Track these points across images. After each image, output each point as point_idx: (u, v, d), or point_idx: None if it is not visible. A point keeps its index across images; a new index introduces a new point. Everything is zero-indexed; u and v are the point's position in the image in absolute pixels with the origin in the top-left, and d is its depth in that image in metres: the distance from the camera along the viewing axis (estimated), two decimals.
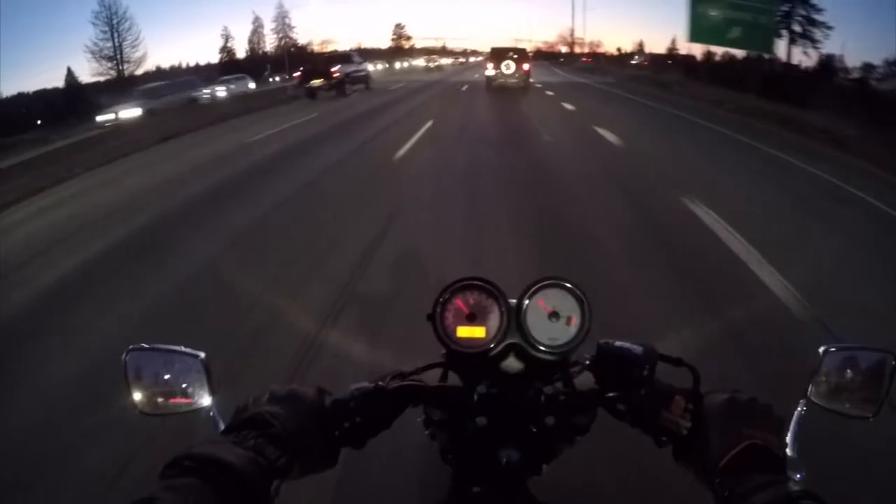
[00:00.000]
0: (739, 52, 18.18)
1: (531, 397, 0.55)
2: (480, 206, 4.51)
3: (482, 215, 4.24)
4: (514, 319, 0.56)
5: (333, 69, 16.21)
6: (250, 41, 39.95)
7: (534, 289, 0.57)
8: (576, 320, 0.57)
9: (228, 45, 38.78)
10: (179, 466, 0.45)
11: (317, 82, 15.75)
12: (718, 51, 21.69)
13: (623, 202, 4.60)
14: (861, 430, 0.75)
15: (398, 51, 52.41)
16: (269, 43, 40.00)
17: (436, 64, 37.75)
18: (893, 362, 0.60)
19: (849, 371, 0.61)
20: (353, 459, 0.59)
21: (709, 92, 14.91)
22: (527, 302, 0.56)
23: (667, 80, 19.33)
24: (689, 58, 26.63)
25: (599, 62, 41.03)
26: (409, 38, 55.80)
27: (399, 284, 3.02)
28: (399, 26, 55.94)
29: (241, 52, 39.14)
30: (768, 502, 0.44)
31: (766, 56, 16.10)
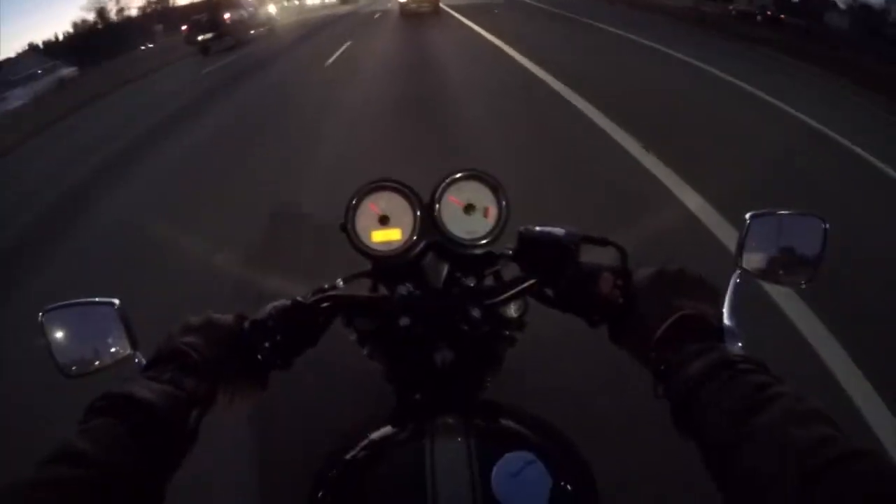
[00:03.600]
0: None
1: (456, 294, 0.54)
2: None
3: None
4: (429, 217, 0.54)
5: (225, 15, 13.84)
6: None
7: (445, 182, 0.55)
8: (493, 210, 0.55)
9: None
10: (94, 409, 0.44)
11: (205, 36, 13.57)
12: None
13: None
14: None
15: None
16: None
17: None
18: (824, 226, 0.60)
19: (778, 237, 0.61)
20: (299, 388, 0.57)
21: None
22: (440, 197, 0.54)
23: None
24: None
25: None
26: None
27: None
28: None
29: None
30: (704, 368, 0.43)
31: None
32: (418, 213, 0.54)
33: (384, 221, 0.55)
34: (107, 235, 3.49)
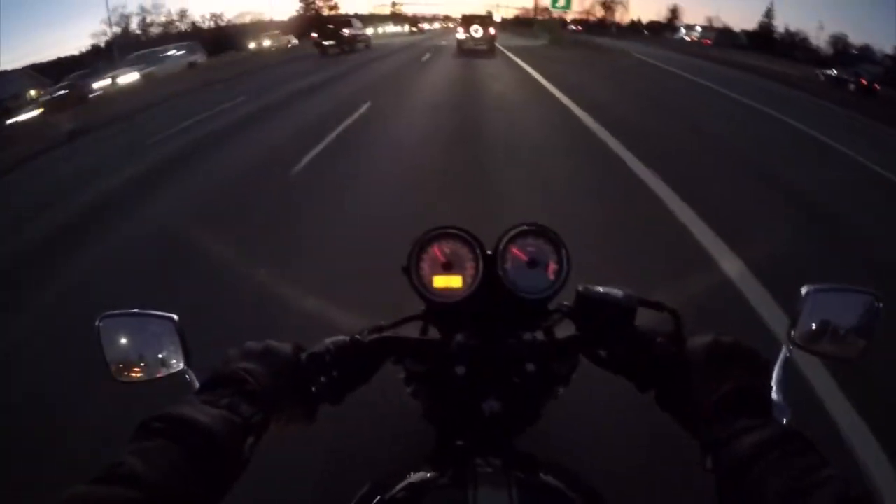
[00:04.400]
0: None
1: (511, 345, 0.54)
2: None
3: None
4: (491, 268, 0.55)
5: (345, 31, 19.65)
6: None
7: (510, 235, 0.56)
8: (554, 266, 0.56)
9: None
10: (149, 429, 0.44)
11: (329, 42, 19.28)
12: None
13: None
14: None
15: (377, 17, 54.37)
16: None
17: (417, 28, 47.15)
18: (877, 304, 0.60)
19: (831, 312, 0.60)
20: (339, 419, 0.58)
21: None
22: (503, 249, 0.55)
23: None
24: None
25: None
26: (395, 4, 60.64)
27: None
28: None
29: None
30: (755, 444, 0.43)
31: None
32: (481, 262, 0.55)
33: (447, 267, 0.56)
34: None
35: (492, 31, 18.04)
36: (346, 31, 19.58)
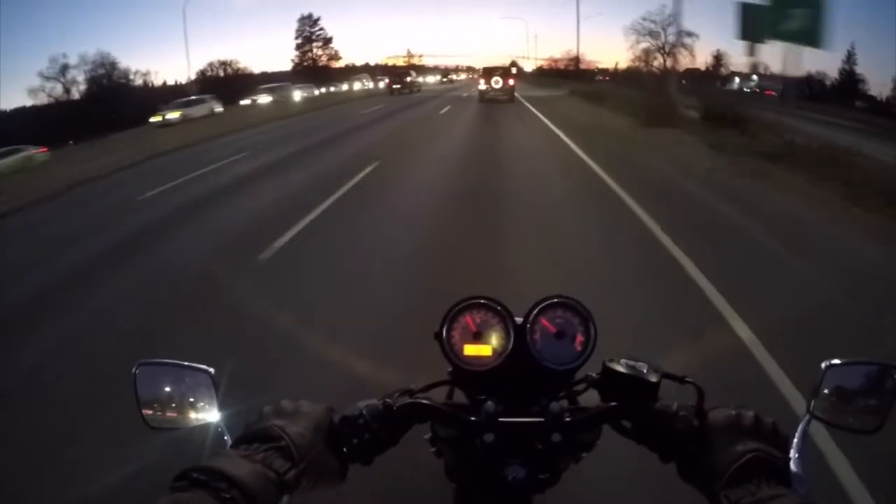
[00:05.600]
0: None
1: (536, 414, 0.56)
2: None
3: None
4: (520, 338, 0.57)
5: (407, 78, 30.13)
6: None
7: (539, 307, 0.58)
8: (581, 338, 0.57)
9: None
10: (188, 479, 0.45)
11: (397, 86, 28.85)
12: None
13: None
14: None
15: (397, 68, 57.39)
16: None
17: (448, 79, 53.01)
18: None
19: (851, 385, 0.62)
20: (358, 474, 0.59)
21: None
22: (532, 320, 0.57)
23: None
24: None
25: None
26: (420, 56, 65.34)
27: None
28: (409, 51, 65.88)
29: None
30: None
31: None
32: (511, 333, 0.57)
33: (477, 336, 0.58)
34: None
35: (511, 81, 19.25)
36: (408, 79, 29.90)
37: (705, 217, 4.92)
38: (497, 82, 18.77)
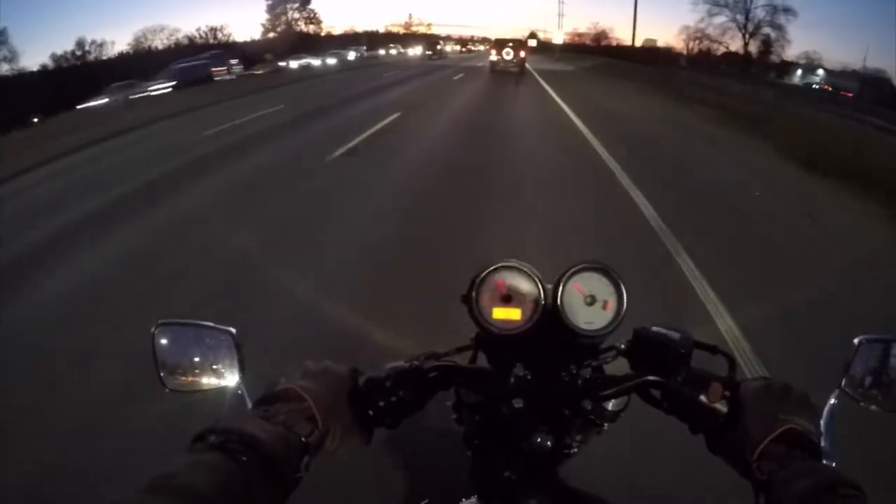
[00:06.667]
0: None
1: (567, 381, 0.55)
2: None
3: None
4: (551, 303, 0.56)
5: (438, 46, 35.94)
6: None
7: (571, 272, 0.56)
8: (612, 304, 0.56)
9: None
10: (206, 440, 0.44)
11: (430, 52, 34.48)
12: None
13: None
14: None
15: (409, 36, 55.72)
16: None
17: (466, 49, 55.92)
18: None
19: (883, 362, 0.60)
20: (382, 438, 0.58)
21: None
22: (563, 285, 0.56)
23: None
24: None
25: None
26: (428, 24, 62.32)
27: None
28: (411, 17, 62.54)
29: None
30: (809, 489, 0.43)
31: None
32: (542, 297, 0.56)
33: (507, 300, 0.56)
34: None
35: (522, 54, 19.43)
36: (438, 47, 35.72)
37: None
38: (508, 54, 19.03)
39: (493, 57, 19.74)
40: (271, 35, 41.27)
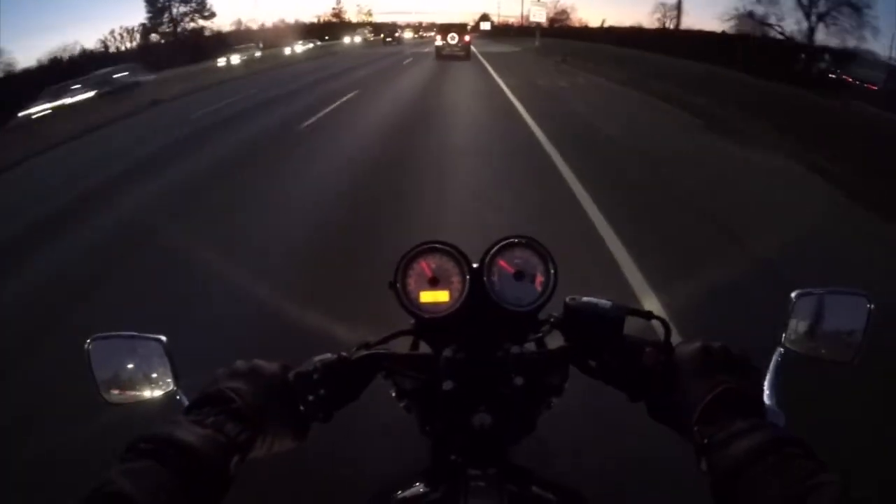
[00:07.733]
0: None
1: (499, 359, 0.54)
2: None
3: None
4: (478, 281, 0.55)
5: (395, 34, 39.07)
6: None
7: (496, 248, 0.55)
8: (541, 278, 0.55)
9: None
10: (136, 449, 0.44)
11: (388, 39, 36.89)
12: None
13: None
14: None
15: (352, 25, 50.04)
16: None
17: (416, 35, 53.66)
18: (869, 305, 0.59)
19: (823, 315, 0.60)
20: (333, 436, 0.58)
21: None
22: (489, 262, 0.55)
23: None
24: None
25: None
26: (368, 12, 53.11)
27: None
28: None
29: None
30: (751, 448, 0.42)
31: None
32: (468, 276, 0.55)
33: (433, 283, 0.55)
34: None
35: (467, 38, 20.20)
36: (395, 34, 38.65)
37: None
38: (453, 38, 19.63)
39: (439, 42, 20.02)
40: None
